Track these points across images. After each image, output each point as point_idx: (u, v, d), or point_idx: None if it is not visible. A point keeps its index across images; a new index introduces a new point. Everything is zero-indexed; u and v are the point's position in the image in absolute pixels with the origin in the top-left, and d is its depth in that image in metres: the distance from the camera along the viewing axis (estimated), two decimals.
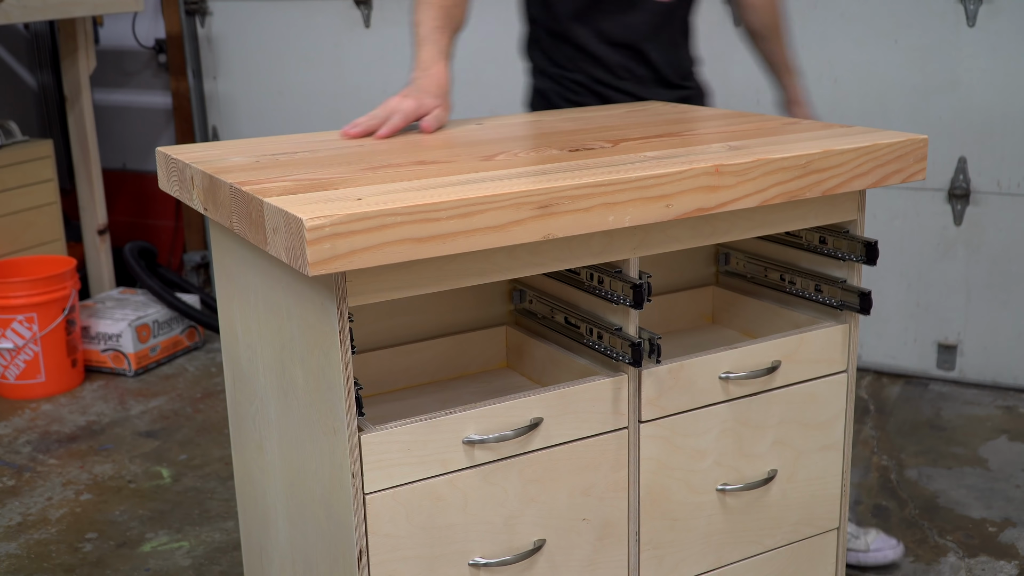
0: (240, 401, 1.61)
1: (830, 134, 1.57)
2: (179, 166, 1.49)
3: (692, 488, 1.52)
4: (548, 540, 1.41)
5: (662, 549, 1.52)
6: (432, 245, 1.19)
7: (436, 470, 1.31)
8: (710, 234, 1.45)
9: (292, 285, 1.32)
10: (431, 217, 1.18)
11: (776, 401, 1.56)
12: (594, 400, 1.40)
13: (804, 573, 1.67)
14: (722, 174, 1.36)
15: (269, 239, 1.21)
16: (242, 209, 1.28)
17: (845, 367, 1.62)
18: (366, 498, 1.27)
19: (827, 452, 1.64)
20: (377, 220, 1.15)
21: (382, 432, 1.27)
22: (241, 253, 1.48)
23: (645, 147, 1.49)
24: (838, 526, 1.69)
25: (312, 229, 1.12)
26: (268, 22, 3.82)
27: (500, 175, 1.32)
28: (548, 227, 1.26)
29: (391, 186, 1.27)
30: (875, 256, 1.55)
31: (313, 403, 1.32)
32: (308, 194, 1.23)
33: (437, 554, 1.34)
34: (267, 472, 1.54)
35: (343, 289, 1.21)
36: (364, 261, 1.16)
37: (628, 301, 1.39)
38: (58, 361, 3.20)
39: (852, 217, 1.57)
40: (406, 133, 1.65)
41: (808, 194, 1.45)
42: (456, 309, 1.66)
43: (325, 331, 1.24)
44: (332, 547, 1.35)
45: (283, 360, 1.40)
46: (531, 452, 1.37)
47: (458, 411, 1.31)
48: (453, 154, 1.47)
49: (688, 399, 1.48)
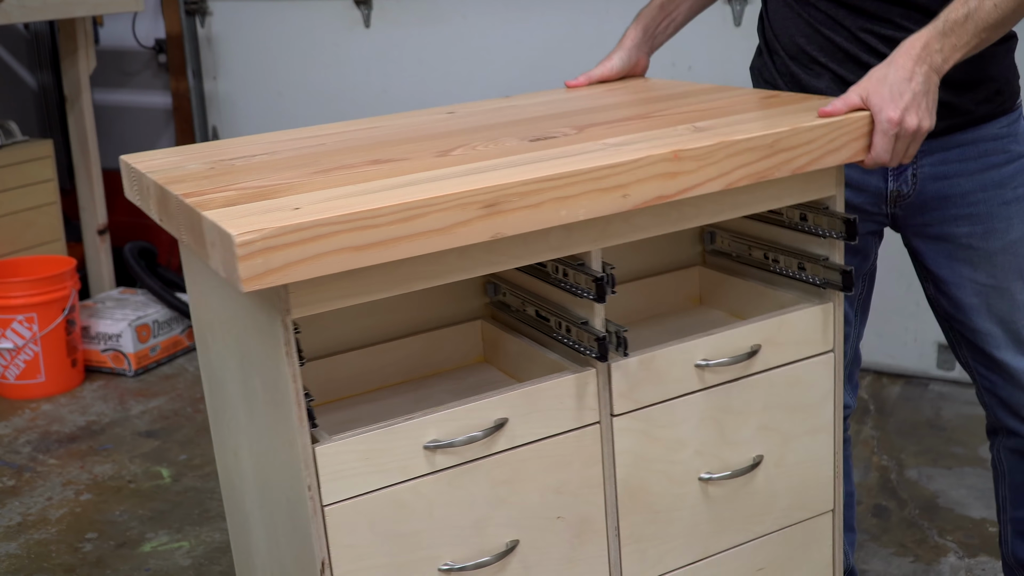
0: (216, 407, 1.59)
1: (805, 107, 1.51)
2: (137, 175, 1.47)
3: (673, 479, 1.49)
4: (521, 540, 1.39)
5: (644, 543, 1.49)
6: (372, 253, 1.16)
7: (397, 477, 1.29)
8: (677, 219, 1.41)
9: (242, 298, 1.30)
10: (370, 224, 1.15)
11: (758, 386, 1.52)
12: (560, 397, 1.36)
13: (799, 557, 1.63)
14: (681, 159, 1.32)
15: (209, 253, 1.19)
16: (188, 222, 1.26)
17: (831, 347, 1.57)
18: (324, 510, 1.25)
19: (816, 435, 1.59)
20: (311, 231, 1.12)
21: (337, 443, 1.24)
22: (201, 262, 1.46)
23: (609, 132, 1.45)
24: (832, 508, 1.64)
25: (242, 244, 1.09)
26: (268, 22, 3.81)
27: (450, 172, 1.29)
28: (496, 226, 1.22)
29: (335, 191, 1.24)
30: (854, 232, 1.50)
31: (271, 414, 1.31)
32: (247, 204, 1.21)
33: (404, 561, 1.32)
34: (243, 479, 1.53)
35: (286, 301, 1.18)
36: (300, 274, 1.13)
37: (591, 295, 1.35)
38: (58, 361, 3.21)
39: (830, 193, 1.51)
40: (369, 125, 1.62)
41: (777, 174, 1.39)
42: (430, 305, 1.63)
43: (272, 344, 1.22)
44: (299, 556, 1.33)
45: (245, 370, 1.38)
46: (497, 454, 1.34)
47: (416, 417, 1.29)
48: (410, 151, 1.44)
49: (662, 390, 1.44)
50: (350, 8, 3.59)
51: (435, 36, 3.46)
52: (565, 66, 3.28)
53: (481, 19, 3.39)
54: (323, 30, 3.67)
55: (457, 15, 3.42)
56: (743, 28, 2.96)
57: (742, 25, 2.82)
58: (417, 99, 3.50)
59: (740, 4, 2.93)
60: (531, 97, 1.80)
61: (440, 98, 3.44)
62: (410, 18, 3.49)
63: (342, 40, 3.64)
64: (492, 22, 3.38)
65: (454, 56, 3.43)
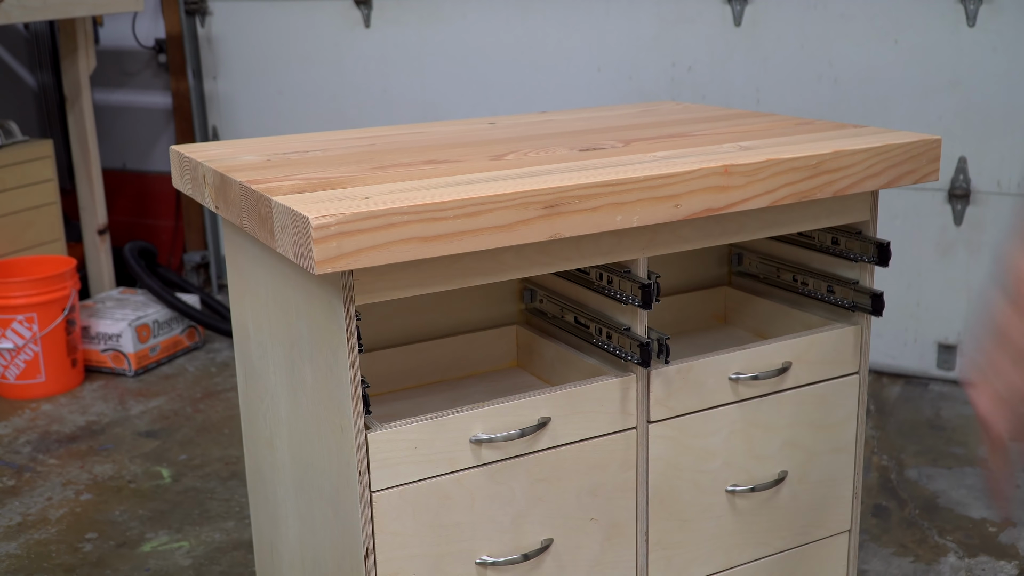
0: (252, 398, 1.61)
1: (842, 134, 1.56)
2: (191, 164, 1.50)
3: (701, 489, 1.52)
4: (556, 540, 1.41)
5: (671, 550, 1.51)
6: (438, 244, 1.19)
7: (443, 468, 1.31)
8: (720, 234, 1.45)
9: (300, 283, 1.33)
10: (437, 216, 1.18)
11: (787, 402, 1.56)
12: (602, 400, 1.40)
13: (814, 575, 1.66)
14: (732, 174, 1.36)
15: (277, 237, 1.22)
16: (251, 207, 1.29)
17: (857, 369, 1.61)
18: (373, 496, 1.27)
19: (838, 454, 1.63)
20: (383, 219, 1.16)
21: (389, 430, 1.27)
22: (252, 251, 1.48)
23: (656, 147, 1.49)
24: (849, 528, 1.68)
25: (318, 228, 1.12)
26: (268, 22, 3.84)
27: (508, 174, 1.32)
28: (555, 227, 1.26)
29: (398, 185, 1.27)
30: (887, 257, 1.54)
31: (321, 401, 1.33)
32: (316, 193, 1.24)
33: (443, 552, 1.34)
34: (277, 469, 1.55)
35: (350, 287, 1.21)
36: (370, 260, 1.16)
37: (637, 301, 1.38)
38: (58, 361, 3.20)
39: (864, 218, 1.56)
40: (414, 130, 1.66)
41: (819, 195, 1.44)
42: (466, 308, 1.66)
43: (333, 329, 1.25)
44: (339, 544, 1.35)
45: (292, 358, 1.41)
46: (538, 452, 1.37)
47: (465, 410, 1.31)
48: (462, 153, 1.47)
49: (697, 400, 1.48)
50: (350, 8, 3.63)
51: (435, 36, 3.49)
52: (565, 66, 3.34)
53: (481, 19, 3.43)
54: (323, 30, 3.71)
55: (457, 15, 3.46)
56: (743, 28, 3.02)
57: (742, 25, 2.86)
58: (417, 99, 3.52)
59: (740, 4, 2.99)
60: (568, 113, 1.84)
61: (440, 98, 3.46)
62: (410, 18, 3.53)
63: (342, 40, 3.67)
64: (492, 22, 3.42)
65: (454, 56, 3.47)
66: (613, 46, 3.25)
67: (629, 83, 3.19)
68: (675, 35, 3.10)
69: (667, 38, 3.12)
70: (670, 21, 3.11)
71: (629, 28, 3.21)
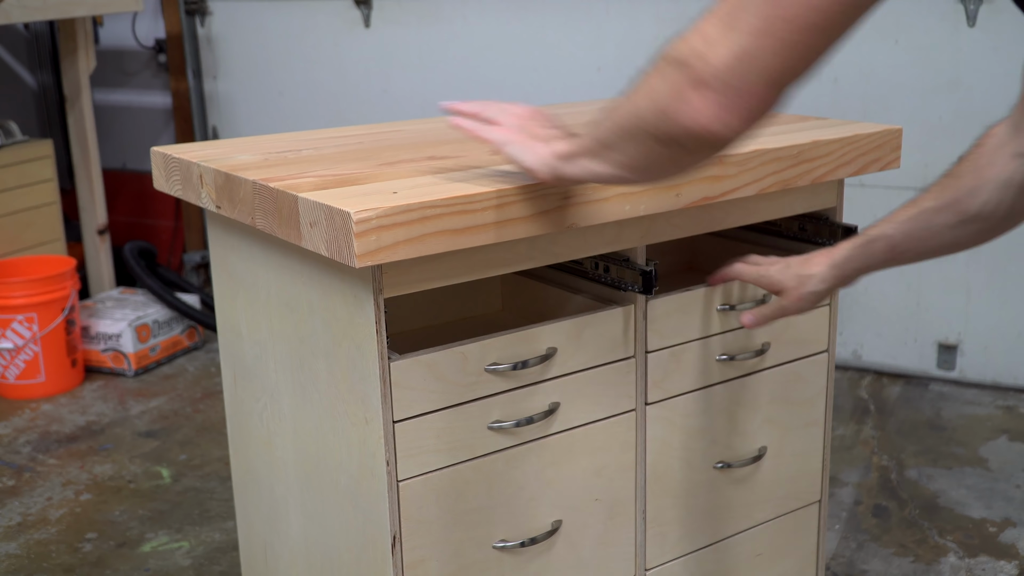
0: (243, 399, 1.61)
1: (812, 125, 1.65)
2: (182, 165, 1.49)
3: (692, 467, 1.59)
4: (564, 521, 1.46)
5: (666, 526, 1.58)
6: (468, 236, 1.23)
7: (464, 455, 1.34)
8: (709, 222, 1.52)
9: (317, 279, 1.34)
10: (468, 208, 1.22)
11: (765, 381, 1.64)
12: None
13: (790, 544, 1.75)
14: (726, 164, 1.43)
15: (305, 233, 1.23)
16: (269, 205, 1.29)
17: (826, 347, 1.70)
18: (399, 485, 1.30)
19: (810, 428, 1.72)
20: (419, 212, 1.18)
21: (417, 420, 1.30)
22: (250, 251, 1.49)
23: None
24: (819, 499, 1.77)
25: (359, 221, 1.14)
26: (268, 22, 3.82)
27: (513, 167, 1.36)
28: (571, 216, 1.31)
29: (417, 180, 1.30)
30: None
31: (339, 395, 1.35)
32: (339, 189, 1.25)
33: (464, 537, 1.37)
34: (277, 468, 1.55)
35: (379, 281, 1.24)
36: (406, 253, 1.19)
37: (637, 287, 1.44)
38: (58, 361, 3.19)
39: (832, 204, 1.65)
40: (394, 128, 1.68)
41: (799, 182, 1.52)
42: (453, 307, 1.69)
43: (359, 323, 1.27)
44: (360, 536, 1.37)
45: (302, 355, 1.42)
46: (549, 436, 1.41)
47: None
48: (458, 149, 1.51)
49: (688, 381, 1.55)
50: (350, 8, 3.62)
51: (435, 36, 3.50)
52: (565, 66, 3.36)
53: (481, 19, 3.45)
54: (323, 30, 3.70)
55: (457, 15, 3.48)
56: None
57: None
58: (417, 99, 3.53)
59: None
60: (561, 107, 1.88)
61: (440, 98, 3.45)
62: (410, 18, 3.54)
63: (342, 40, 3.67)
64: (492, 22, 3.44)
65: (454, 56, 3.48)
66: (613, 46, 3.28)
67: (629, 83, 3.24)
68: (675, 35, 3.16)
69: (667, 38, 3.18)
70: (670, 21, 3.14)
71: (629, 28, 3.25)
